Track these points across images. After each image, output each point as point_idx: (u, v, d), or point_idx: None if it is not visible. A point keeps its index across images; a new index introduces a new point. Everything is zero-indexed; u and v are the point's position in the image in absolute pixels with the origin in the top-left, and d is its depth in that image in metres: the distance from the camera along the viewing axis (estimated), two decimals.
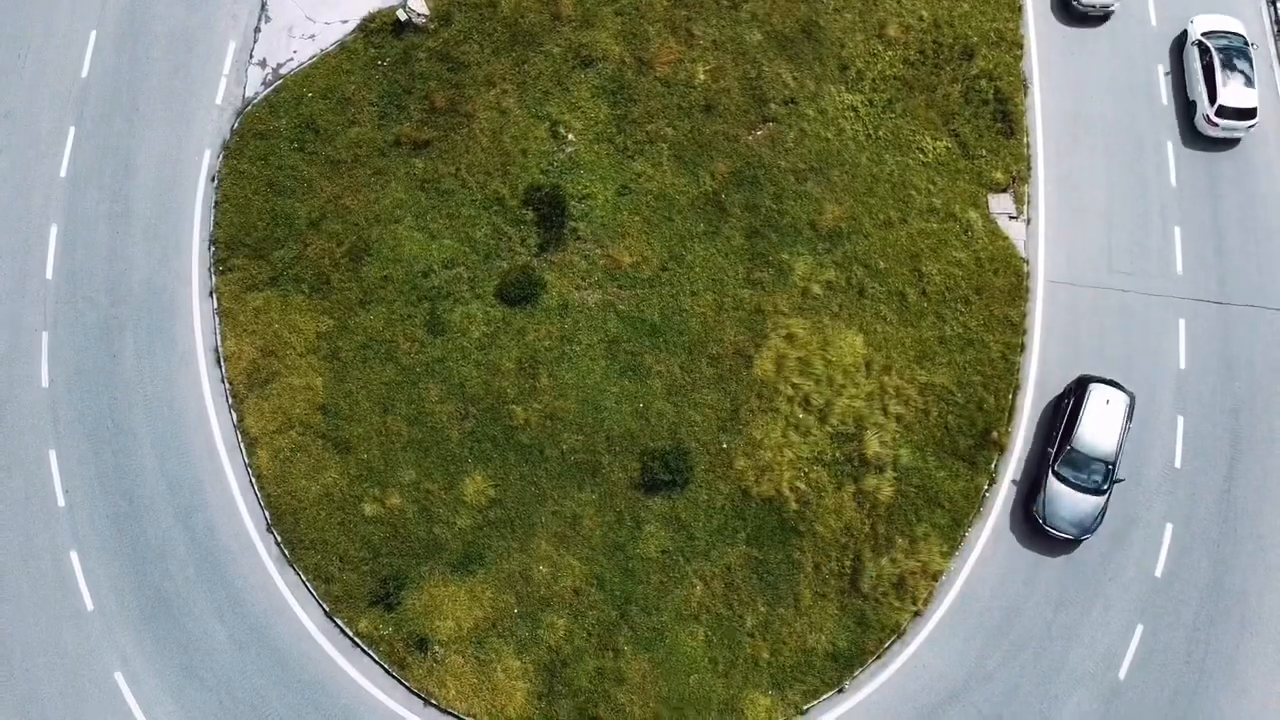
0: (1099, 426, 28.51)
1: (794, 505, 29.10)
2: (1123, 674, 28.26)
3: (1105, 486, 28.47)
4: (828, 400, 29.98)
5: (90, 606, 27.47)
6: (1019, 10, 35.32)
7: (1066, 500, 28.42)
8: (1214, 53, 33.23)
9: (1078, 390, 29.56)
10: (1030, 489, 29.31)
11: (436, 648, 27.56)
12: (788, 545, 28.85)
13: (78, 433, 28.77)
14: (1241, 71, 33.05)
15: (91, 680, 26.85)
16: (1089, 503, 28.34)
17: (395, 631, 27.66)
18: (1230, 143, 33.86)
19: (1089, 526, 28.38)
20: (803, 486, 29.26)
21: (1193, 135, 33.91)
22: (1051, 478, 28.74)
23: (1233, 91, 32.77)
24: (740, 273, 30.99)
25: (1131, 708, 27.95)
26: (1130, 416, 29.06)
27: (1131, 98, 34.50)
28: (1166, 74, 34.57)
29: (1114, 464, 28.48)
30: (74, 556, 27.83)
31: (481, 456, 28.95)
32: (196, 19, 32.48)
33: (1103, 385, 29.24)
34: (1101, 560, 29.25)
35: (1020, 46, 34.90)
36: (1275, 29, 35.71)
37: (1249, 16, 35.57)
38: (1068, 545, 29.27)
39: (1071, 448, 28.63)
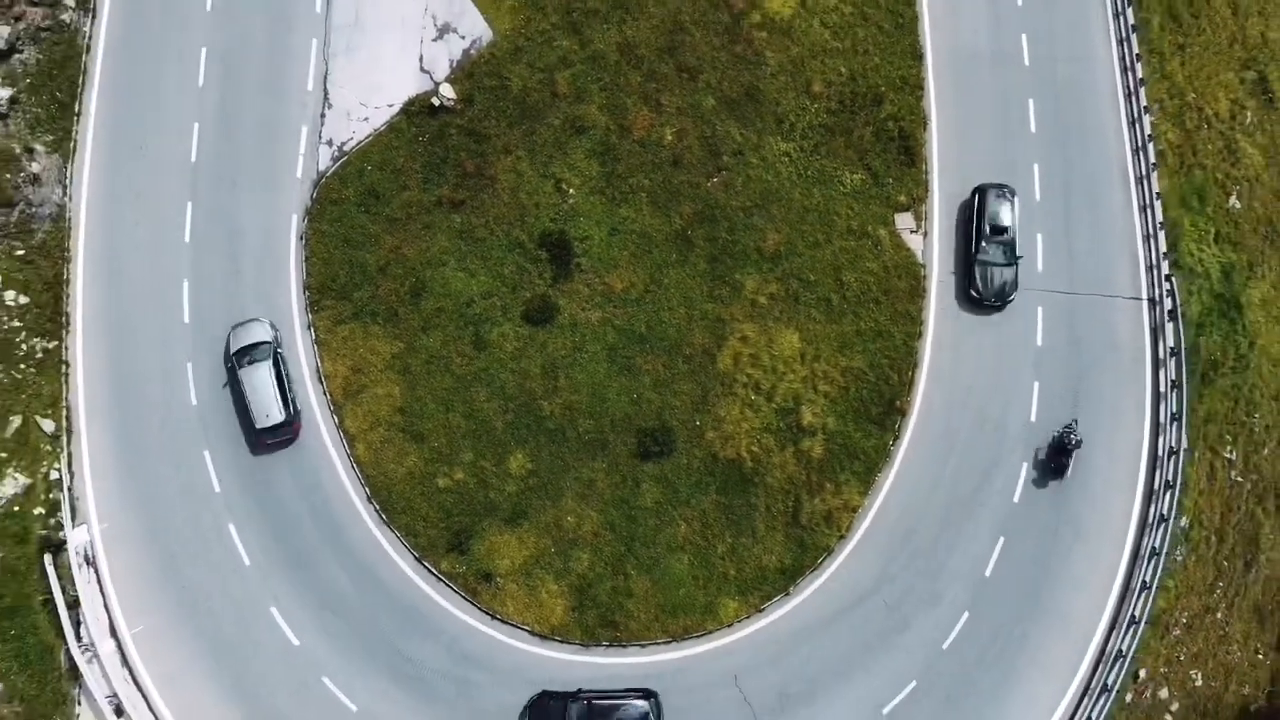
0: None
1: (750, 464, 39.84)
2: (988, 573, 39.50)
3: None
4: (773, 384, 40.49)
5: (248, 562, 38.24)
6: (920, 57, 44.52)
7: None
8: None
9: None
10: None
11: (498, 579, 38.56)
12: (746, 493, 39.69)
13: (223, 437, 39.11)
14: None
15: (255, 615, 37.81)
16: None
17: (467, 569, 38.61)
18: (1085, 164, 43.62)
19: None
20: (756, 450, 39.96)
21: (1055, 162, 43.68)
22: None
23: None
24: (705, 290, 41.09)
25: (994, 596, 39.24)
26: None
27: (1005, 128, 43.99)
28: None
29: None
30: (231, 528, 38.48)
31: (520, 440, 39.50)
32: (275, 108, 41.57)
33: None
34: (974, 491, 40.20)
35: (921, 88, 44.24)
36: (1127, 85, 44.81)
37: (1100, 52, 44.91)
38: (950, 482, 40.20)
39: None
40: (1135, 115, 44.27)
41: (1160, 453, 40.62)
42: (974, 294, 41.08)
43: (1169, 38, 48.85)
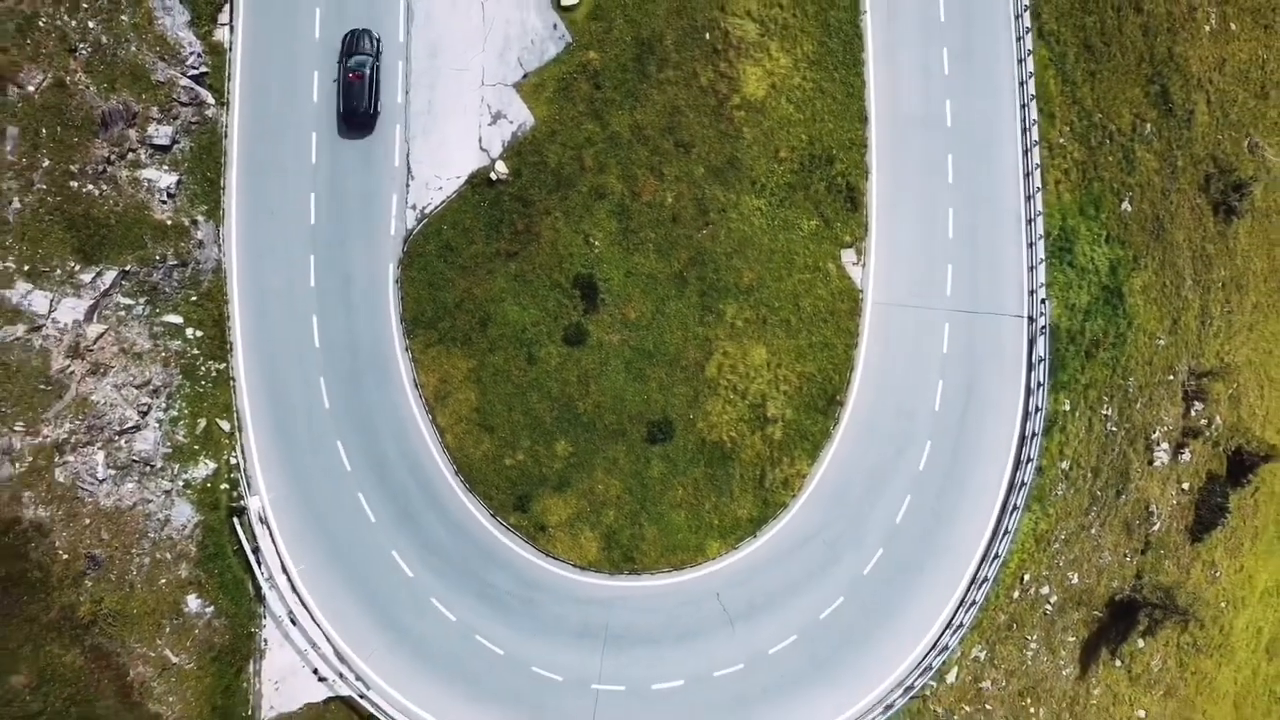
0: None
1: (729, 445, 55.14)
2: (898, 520, 55.35)
3: None
4: (746, 387, 55.37)
5: (373, 520, 53.90)
6: (866, 120, 57.28)
7: None
8: None
9: None
10: None
11: (549, 529, 54.45)
12: (726, 466, 55.13)
13: (350, 429, 53.94)
14: None
15: (380, 556, 53.62)
16: None
17: (529, 523, 54.43)
18: (988, 209, 56.92)
19: None
20: (734, 434, 55.20)
21: (966, 206, 56.98)
22: None
23: None
24: (696, 318, 55.37)
25: (902, 537, 55.16)
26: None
27: (929, 178, 57.14)
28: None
29: None
30: (360, 495, 54.03)
31: (563, 431, 54.65)
32: (371, 181, 54.70)
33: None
34: (891, 462, 55.60)
35: (865, 147, 57.21)
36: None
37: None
38: (874, 455, 55.56)
39: None
40: (1028, 169, 57.32)
41: (1026, 434, 55.81)
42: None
43: (1082, 66, 61.54)
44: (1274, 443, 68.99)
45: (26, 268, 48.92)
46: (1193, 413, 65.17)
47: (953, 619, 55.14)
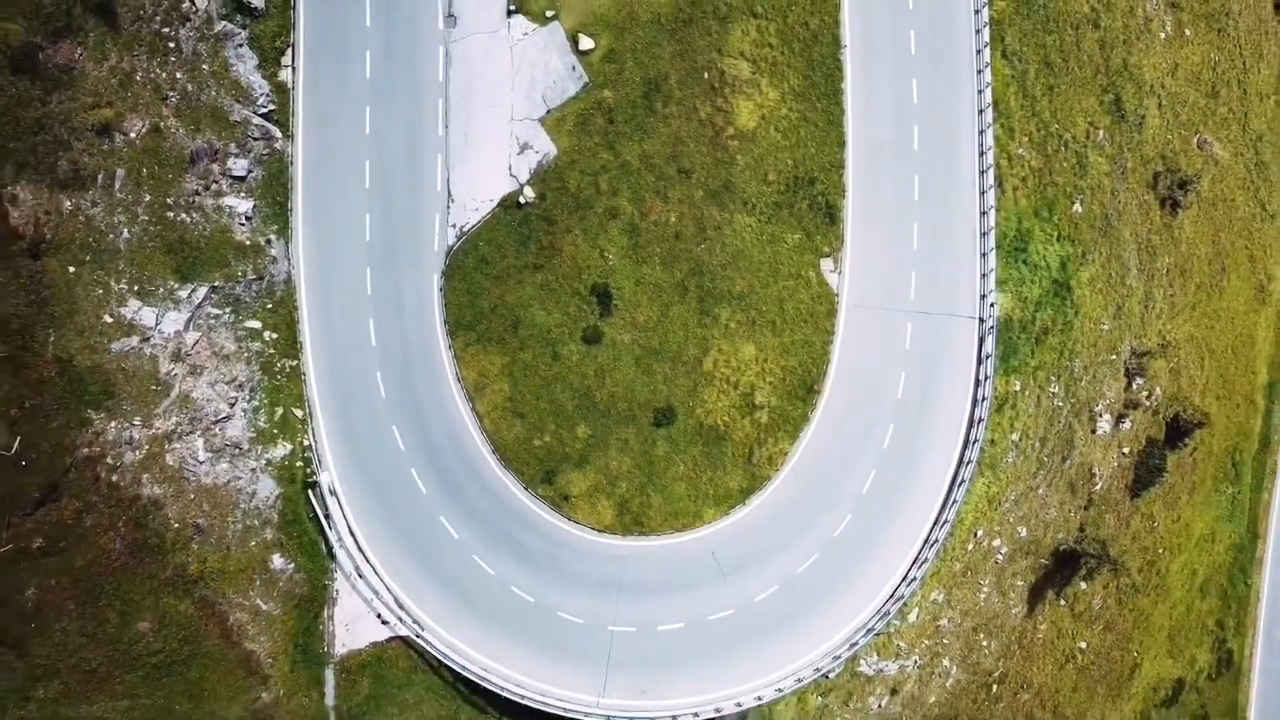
0: None
1: (723, 428, 65.20)
2: (865, 491, 65.69)
3: None
4: (738, 378, 65.23)
5: (424, 491, 64.27)
6: (844, 144, 66.00)
7: None
8: None
9: None
10: None
11: (572, 498, 64.88)
12: (720, 446, 65.27)
13: (403, 416, 63.83)
14: None
15: (430, 521, 64.10)
16: None
17: (555, 493, 64.81)
18: (947, 223, 65.96)
19: None
20: (726, 419, 65.25)
21: (929, 221, 66.04)
22: None
23: None
24: (695, 320, 64.94)
25: (868, 505, 65.41)
26: None
27: (898, 196, 66.01)
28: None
29: None
30: (412, 471, 64.29)
31: (583, 417, 64.67)
32: (417, 203, 63.61)
33: None
34: (860, 441, 65.67)
35: (843, 168, 65.98)
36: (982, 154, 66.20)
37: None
38: (845, 436, 65.78)
39: None
40: (983, 188, 66.06)
41: (973, 419, 65.68)
42: None
43: (1041, 82, 69.99)
44: (1210, 410, 78.88)
45: (136, 288, 58.71)
46: (1134, 387, 74.80)
47: (908, 573, 65.74)
